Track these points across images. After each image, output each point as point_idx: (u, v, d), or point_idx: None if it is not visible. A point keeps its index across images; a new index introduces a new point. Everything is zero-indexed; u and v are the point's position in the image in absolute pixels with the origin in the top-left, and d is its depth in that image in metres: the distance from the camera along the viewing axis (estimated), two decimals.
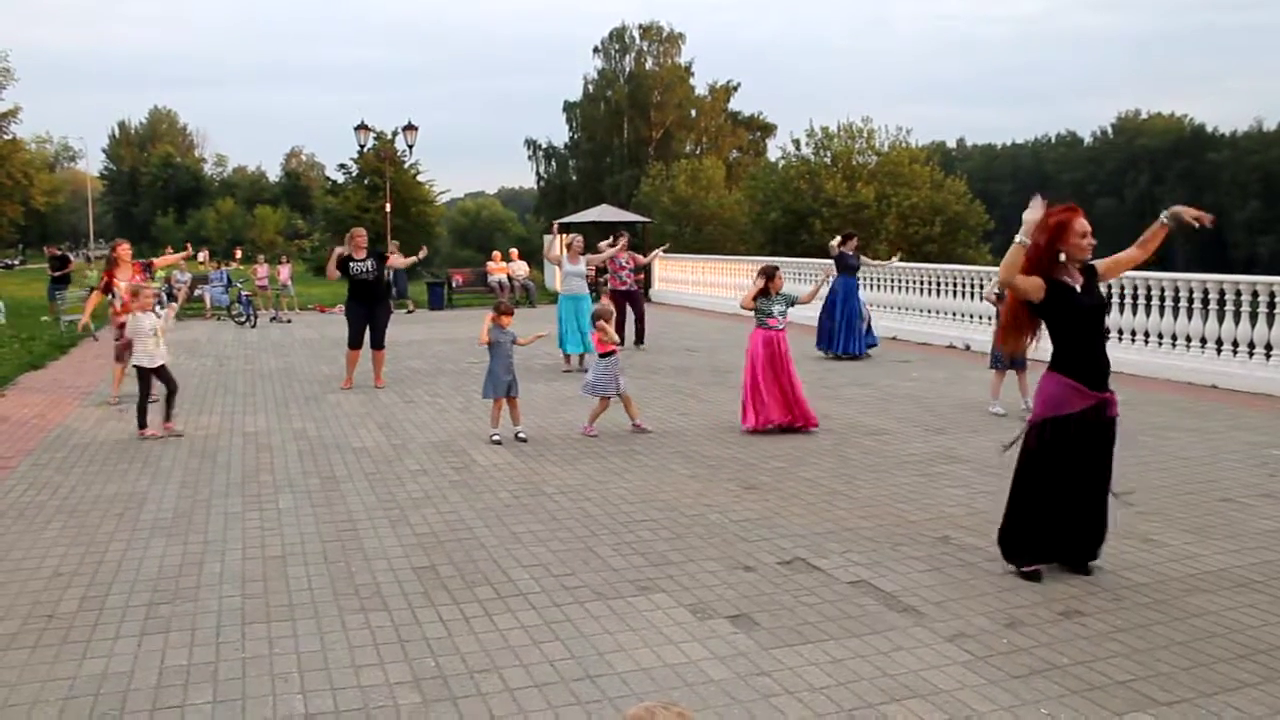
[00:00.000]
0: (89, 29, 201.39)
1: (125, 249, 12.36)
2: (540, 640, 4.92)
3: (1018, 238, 5.43)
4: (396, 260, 13.71)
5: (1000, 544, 5.86)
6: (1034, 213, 5.42)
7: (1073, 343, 5.52)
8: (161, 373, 10.32)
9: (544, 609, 5.34)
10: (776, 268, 10.30)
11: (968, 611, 5.27)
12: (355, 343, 13.09)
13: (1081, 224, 5.45)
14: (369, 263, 13.02)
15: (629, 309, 16.95)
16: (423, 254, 15.04)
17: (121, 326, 11.95)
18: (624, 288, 16.74)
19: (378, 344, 13.21)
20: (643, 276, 26.28)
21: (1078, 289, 5.48)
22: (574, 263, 14.90)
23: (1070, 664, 4.62)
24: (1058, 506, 5.59)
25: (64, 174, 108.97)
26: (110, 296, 12.25)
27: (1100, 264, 5.66)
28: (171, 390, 10.34)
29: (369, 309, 13.13)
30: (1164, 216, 5.58)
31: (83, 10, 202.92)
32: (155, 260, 13.29)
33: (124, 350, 11.86)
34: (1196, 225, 5.54)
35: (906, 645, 4.85)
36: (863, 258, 16.91)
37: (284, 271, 28.28)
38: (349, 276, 13.10)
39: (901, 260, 18.06)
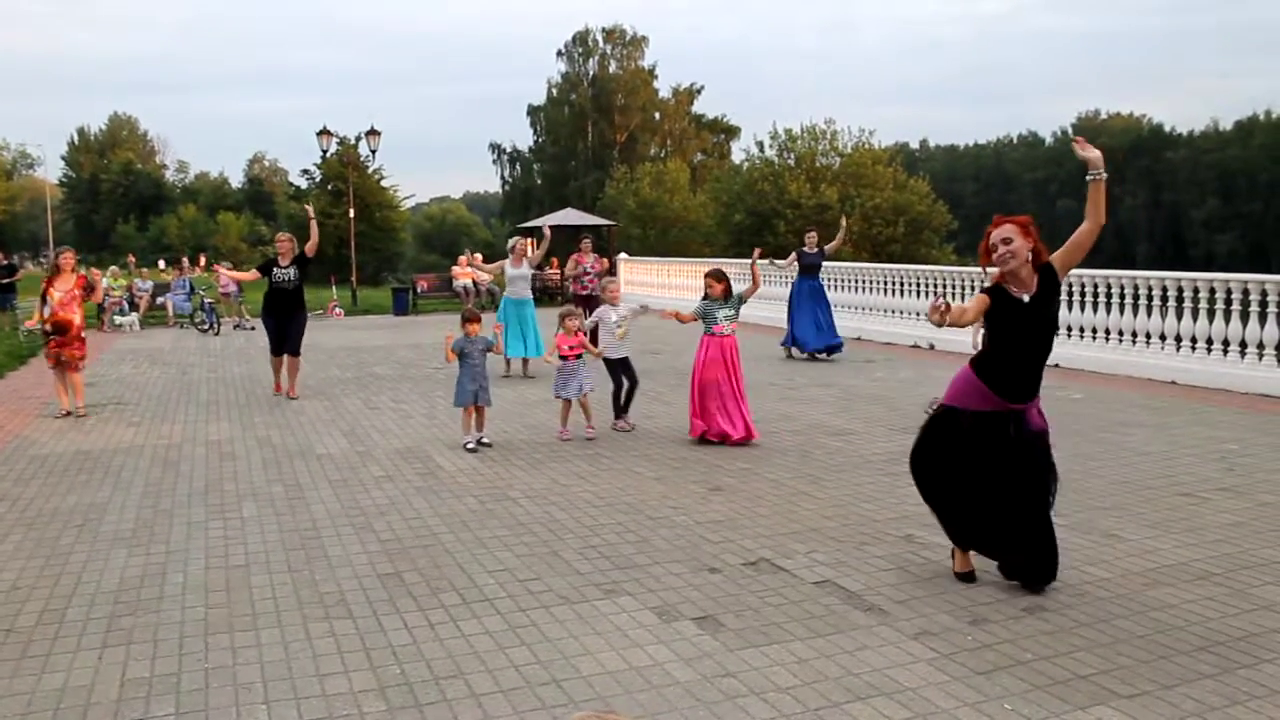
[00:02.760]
0: (46, 34, 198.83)
1: (69, 259, 12.02)
2: (506, 645, 4.91)
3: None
4: (312, 244, 13.01)
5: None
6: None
7: (1001, 351, 5.36)
8: (625, 365, 10.40)
9: (509, 614, 5.33)
10: (711, 270, 9.90)
11: (932, 609, 5.31)
12: (277, 351, 12.90)
13: (995, 234, 5.29)
14: (291, 270, 12.76)
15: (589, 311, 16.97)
16: (310, 210, 14.03)
17: (47, 335, 11.67)
18: (585, 292, 16.76)
19: (294, 350, 12.92)
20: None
21: (1025, 299, 5.26)
22: (517, 266, 14.75)
23: (1034, 659, 4.66)
24: (953, 497, 5.62)
25: (22, 181, 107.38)
26: (43, 304, 11.94)
27: (1055, 257, 5.40)
28: (632, 385, 10.44)
29: (286, 317, 12.84)
30: (1089, 174, 5.34)
31: (40, 15, 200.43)
32: (99, 288, 12.71)
33: (59, 360, 11.59)
34: (1080, 149, 5.38)
35: (871, 644, 4.87)
36: (825, 248, 16.91)
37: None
38: (270, 283, 12.89)
39: (847, 222, 18.10)
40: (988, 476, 5.44)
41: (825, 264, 17.45)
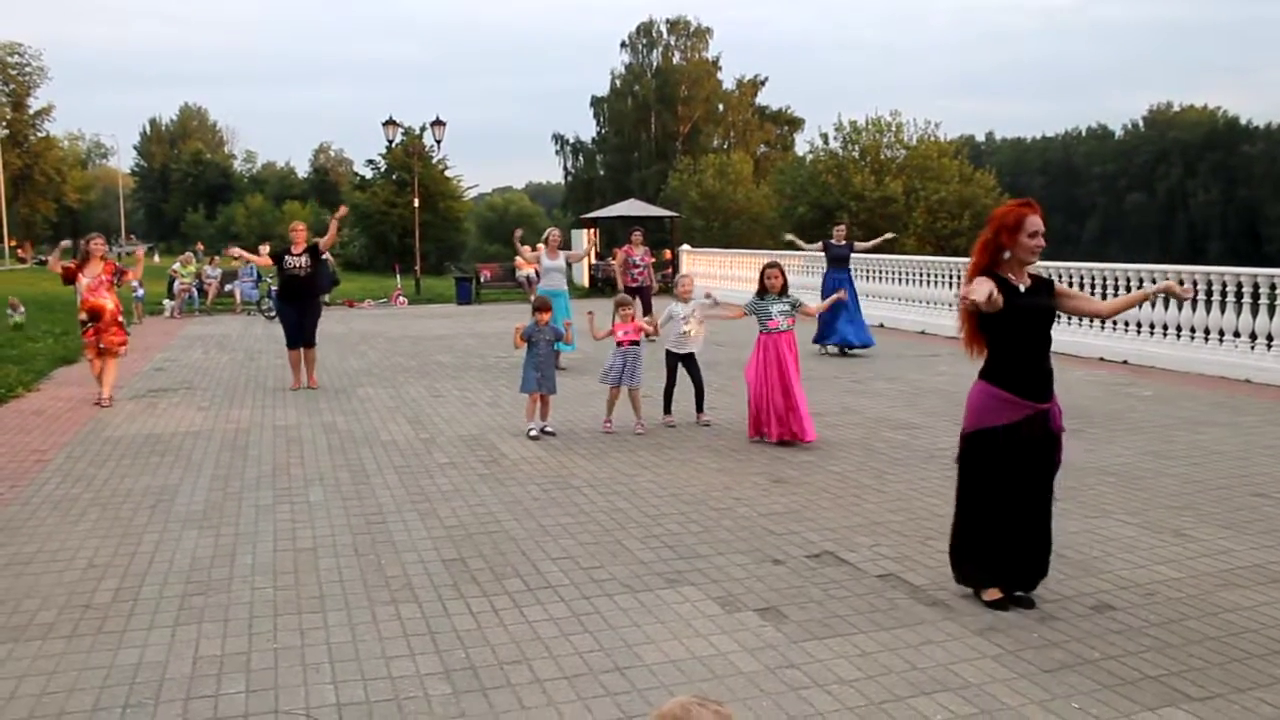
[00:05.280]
0: (120, 26, 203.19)
1: (99, 245, 12.11)
2: (570, 632, 4.94)
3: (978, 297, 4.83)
4: (328, 239, 13.18)
5: (951, 563, 5.47)
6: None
7: (1008, 346, 5.04)
8: (690, 362, 10.31)
9: (573, 601, 5.36)
10: (770, 264, 9.57)
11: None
12: (294, 344, 12.94)
13: (1034, 222, 4.96)
14: (303, 259, 12.69)
15: (639, 301, 17.10)
16: (342, 211, 14.16)
17: (84, 324, 11.79)
18: (635, 284, 16.80)
19: (309, 342, 12.92)
20: (670, 272, 26.38)
21: (1021, 288, 5.00)
22: (553, 258, 14.72)
23: (1102, 658, 4.59)
24: (996, 523, 5.15)
25: (96, 171, 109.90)
26: (68, 284, 12.09)
27: (1060, 287, 5.21)
28: (698, 385, 10.29)
29: (300, 306, 12.83)
30: (1151, 289, 5.21)
31: (114, 8, 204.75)
32: (129, 271, 12.85)
33: (99, 348, 11.66)
34: (1186, 297, 5.25)
35: (936, 639, 4.83)
36: (856, 244, 16.82)
37: None
38: (282, 271, 12.89)
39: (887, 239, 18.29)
40: (1028, 488, 5.10)
41: (883, 257, 17.27)
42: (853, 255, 16.90)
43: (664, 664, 4.57)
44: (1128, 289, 15.06)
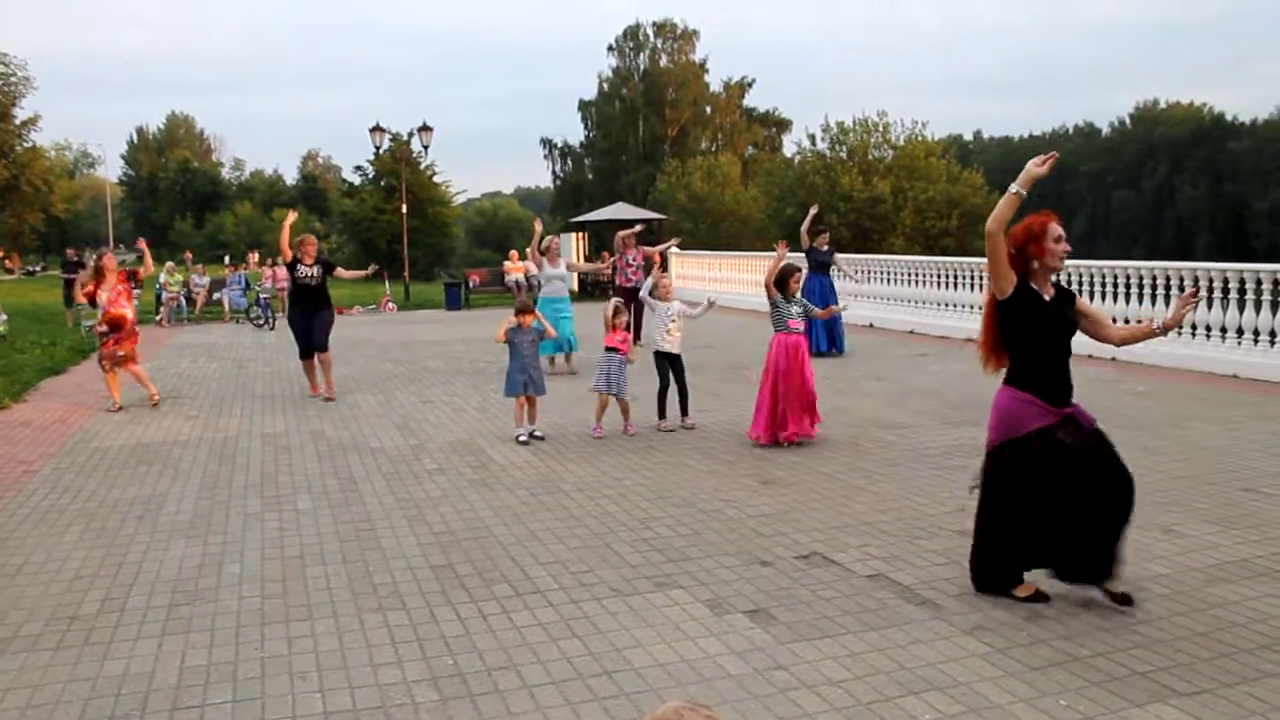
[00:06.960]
0: (105, 35, 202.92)
1: (111, 259, 12.30)
2: (558, 637, 4.93)
3: (1013, 188, 4.89)
4: (343, 273, 13.81)
5: (972, 575, 5.44)
6: (1038, 166, 4.89)
7: (1033, 355, 5.08)
8: (675, 362, 10.23)
9: (562, 606, 5.35)
10: (793, 266, 9.56)
11: (986, 604, 5.25)
12: (305, 354, 12.94)
13: (1056, 228, 5.03)
14: (315, 269, 12.67)
15: (633, 305, 17.03)
16: (372, 270, 16.25)
17: (103, 335, 11.97)
18: (630, 284, 16.77)
19: (321, 347, 12.81)
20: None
21: (1045, 298, 5.06)
22: (554, 265, 14.80)
23: (1090, 655, 4.59)
24: (1029, 532, 5.14)
25: (83, 180, 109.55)
26: (93, 307, 12.29)
27: (1081, 304, 5.27)
28: (682, 387, 10.24)
29: (309, 314, 12.80)
30: (1157, 326, 5.29)
31: (98, 16, 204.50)
32: (139, 270, 13.33)
33: (115, 357, 11.86)
34: (1192, 305, 5.28)
35: (924, 638, 4.83)
36: (838, 255, 16.92)
37: None
38: (294, 280, 12.88)
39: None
40: (1069, 490, 5.03)
41: (871, 257, 17.30)
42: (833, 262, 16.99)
43: (652, 668, 4.56)
44: (1114, 286, 15.11)
